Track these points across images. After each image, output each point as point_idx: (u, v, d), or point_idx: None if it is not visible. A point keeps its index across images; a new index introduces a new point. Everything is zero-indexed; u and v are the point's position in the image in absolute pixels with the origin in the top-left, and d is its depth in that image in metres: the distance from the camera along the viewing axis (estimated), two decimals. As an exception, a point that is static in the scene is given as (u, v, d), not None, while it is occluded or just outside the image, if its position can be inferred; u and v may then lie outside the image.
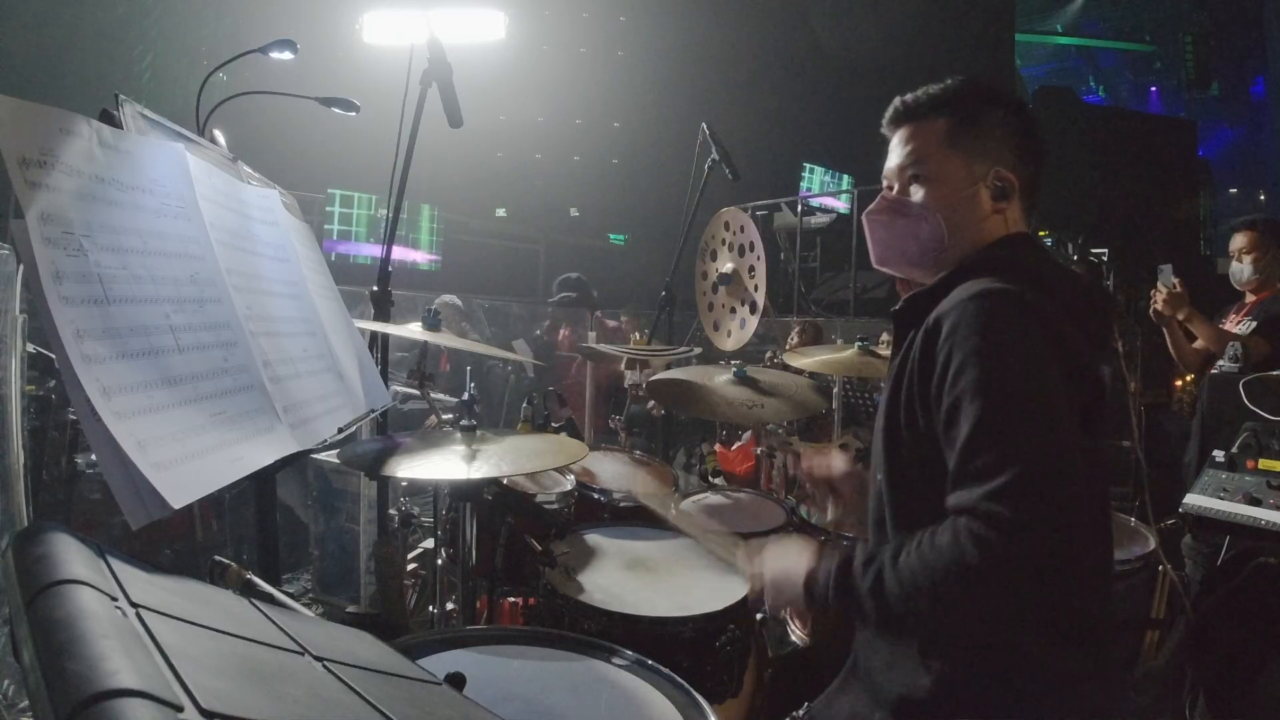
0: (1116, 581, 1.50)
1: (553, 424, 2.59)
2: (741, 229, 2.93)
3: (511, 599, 1.85)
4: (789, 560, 1.06)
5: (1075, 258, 6.18)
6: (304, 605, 0.80)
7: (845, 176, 11.24)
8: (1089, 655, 0.97)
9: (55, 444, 2.43)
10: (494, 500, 1.61)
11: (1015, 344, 0.93)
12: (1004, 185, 1.10)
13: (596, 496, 1.96)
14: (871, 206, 1.18)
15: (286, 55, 2.02)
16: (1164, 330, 3.01)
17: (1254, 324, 2.84)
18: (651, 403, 2.74)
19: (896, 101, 1.17)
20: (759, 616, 1.49)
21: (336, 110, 2.08)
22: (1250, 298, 2.97)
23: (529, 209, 10.22)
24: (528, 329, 4.26)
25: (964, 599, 0.88)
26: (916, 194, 1.12)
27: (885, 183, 1.19)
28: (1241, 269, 2.96)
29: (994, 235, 1.11)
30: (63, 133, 0.84)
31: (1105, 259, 6.46)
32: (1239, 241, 2.97)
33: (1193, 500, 1.83)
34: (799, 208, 9.07)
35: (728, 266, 2.96)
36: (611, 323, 4.14)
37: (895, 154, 1.16)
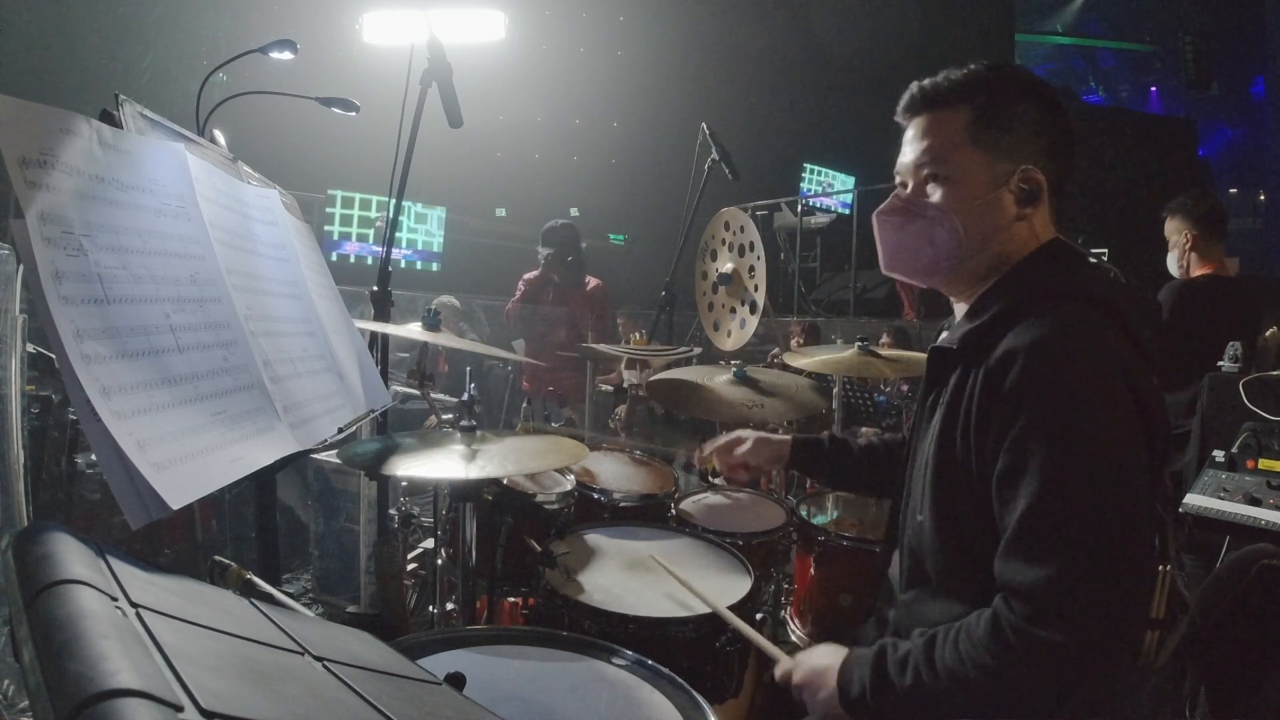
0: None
1: (552, 424, 2.59)
2: (741, 229, 2.93)
3: (511, 599, 1.85)
4: (819, 660, 1.03)
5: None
6: (304, 605, 0.80)
7: (846, 176, 11.25)
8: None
9: (55, 444, 2.43)
10: (494, 500, 1.60)
11: (1091, 407, 0.86)
12: (1031, 187, 1.01)
13: (596, 496, 1.96)
14: (883, 206, 1.08)
15: (286, 55, 2.02)
16: None
17: None
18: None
19: (914, 87, 1.05)
20: (759, 616, 1.49)
21: (336, 110, 2.08)
22: None
23: (529, 209, 10.21)
24: (528, 328, 4.23)
25: (1008, 693, 0.85)
26: (934, 194, 1.02)
27: (898, 179, 1.09)
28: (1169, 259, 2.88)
29: (1023, 243, 1.03)
30: (63, 132, 0.84)
31: (1105, 259, 6.45)
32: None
33: (1193, 500, 1.83)
34: (799, 208, 9.07)
35: (728, 266, 2.96)
36: (593, 281, 4.09)
37: (911, 147, 1.05)
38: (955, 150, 1.01)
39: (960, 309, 1.11)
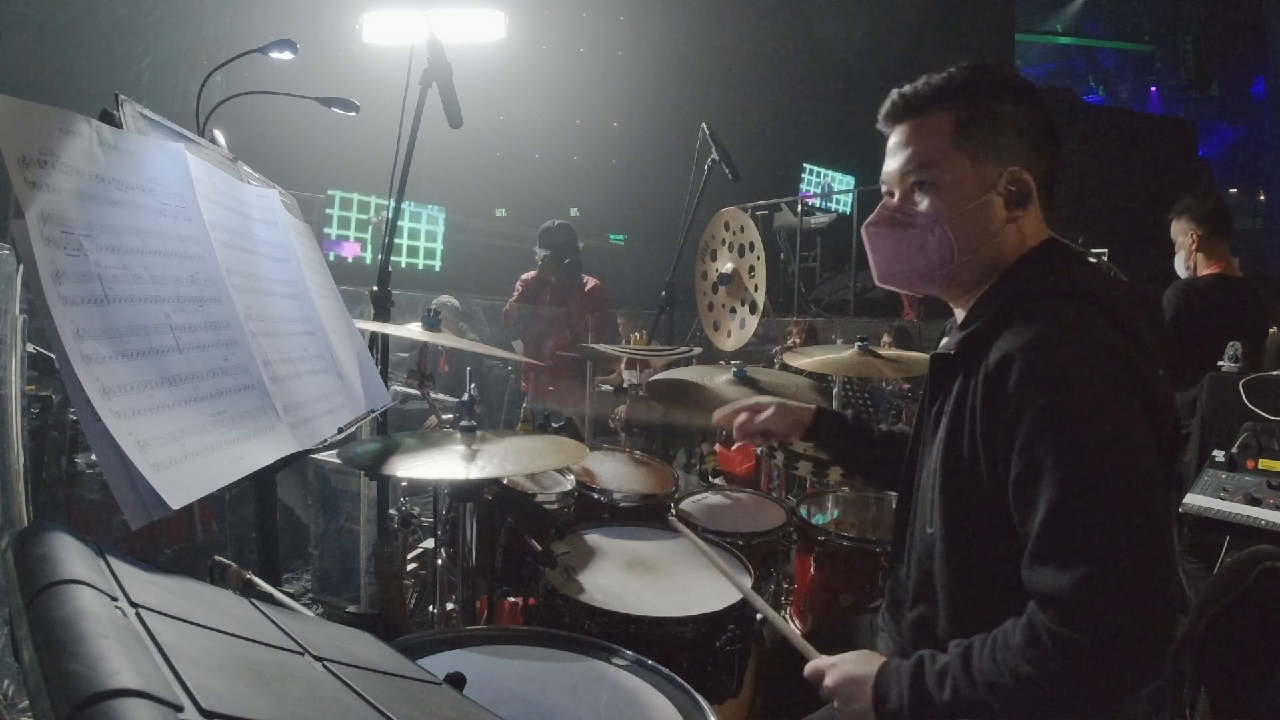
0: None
1: (553, 424, 2.59)
2: (741, 229, 2.94)
3: (511, 599, 1.85)
4: (854, 668, 1.00)
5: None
6: (304, 605, 0.80)
7: (846, 176, 11.24)
8: None
9: (55, 444, 2.43)
10: (494, 500, 1.60)
11: (1094, 402, 0.86)
12: (1019, 189, 1.00)
13: (596, 496, 1.96)
14: (871, 218, 1.08)
15: (286, 55, 2.02)
16: None
17: None
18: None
19: (894, 94, 1.05)
20: (759, 616, 1.48)
21: (336, 110, 2.08)
22: None
23: (529, 209, 10.21)
24: (525, 328, 4.22)
25: (1049, 699, 0.83)
26: (921, 203, 1.02)
27: (884, 188, 1.08)
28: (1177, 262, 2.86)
29: (1015, 245, 1.02)
30: (63, 132, 0.84)
31: (1105, 259, 6.45)
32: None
33: (1193, 500, 1.83)
34: (799, 208, 9.07)
35: (728, 266, 2.97)
36: (591, 281, 4.07)
37: (895, 155, 1.05)
38: (940, 157, 1.00)
39: (959, 314, 1.10)
